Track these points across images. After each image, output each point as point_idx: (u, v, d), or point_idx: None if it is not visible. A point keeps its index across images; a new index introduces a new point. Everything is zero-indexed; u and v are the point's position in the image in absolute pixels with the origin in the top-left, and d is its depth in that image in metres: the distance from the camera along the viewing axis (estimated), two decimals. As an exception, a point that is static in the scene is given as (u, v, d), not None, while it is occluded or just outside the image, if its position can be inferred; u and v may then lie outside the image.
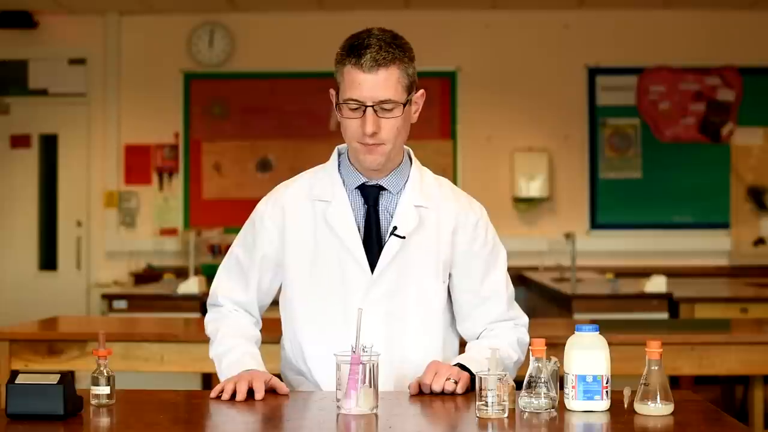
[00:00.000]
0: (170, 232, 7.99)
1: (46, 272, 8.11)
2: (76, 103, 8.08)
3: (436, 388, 2.06)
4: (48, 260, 8.14)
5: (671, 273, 6.39)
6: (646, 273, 6.11)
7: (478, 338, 2.33)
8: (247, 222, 2.36)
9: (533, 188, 7.87)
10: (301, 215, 2.28)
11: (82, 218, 8.08)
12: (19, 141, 8.11)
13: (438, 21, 8.00)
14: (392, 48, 2.15)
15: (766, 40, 7.95)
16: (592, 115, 8.00)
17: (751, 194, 7.88)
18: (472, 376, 2.07)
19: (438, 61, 7.96)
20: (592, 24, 8.01)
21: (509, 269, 2.41)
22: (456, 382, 2.07)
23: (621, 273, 6.49)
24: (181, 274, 6.43)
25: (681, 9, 7.93)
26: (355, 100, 2.14)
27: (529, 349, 1.95)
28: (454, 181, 6.88)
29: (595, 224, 7.96)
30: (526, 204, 7.95)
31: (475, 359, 2.15)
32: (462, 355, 2.25)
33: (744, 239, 7.87)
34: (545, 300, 6.30)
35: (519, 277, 7.13)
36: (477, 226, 2.31)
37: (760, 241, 7.86)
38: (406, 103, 2.18)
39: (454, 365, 2.15)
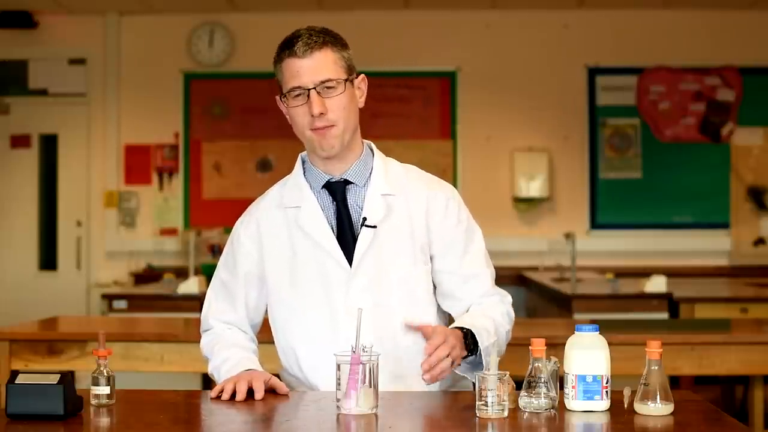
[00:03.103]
0: (170, 232, 7.99)
1: (46, 272, 8.11)
2: (76, 103, 8.08)
3: (435, 369, 2.04)
4: (48, 260, 8.14)
5: (671, 273, 6.40)
6: (646, 273, 6.11)
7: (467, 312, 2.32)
8: (227, 243, 2.40)
9: (533, 188, 7.87)
10: (275, 225, 2.31)
11: (82, 218, 8.08)
12: (19, 141, 8.11)
13: (438, 21, 8.00)
14: (322, 34, 2.21)
15: (766, 40, 7.95)
16: (592, 115, 8.00)
17: (751, 194, 7.88)
18: (468, 353, 2.12)
19: (438, 61, 7.97)
20: (592, 24, 8.01)
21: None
22: (453, 362, 2.07)
23: (621, 273, 6.49)
24: (181, 274, 6.44)
25: (681, 9, 7.93)
26: (298, 87, 2.19)
27: (529, 349, 1.95)
28: (454, 181, 6.85)
29: (595, 224, 7.96)
30: (526, 204, 7.95)
31: (485, 328, 2.17)
32: (464, 318, 2.23)
33: (744, 239, 7.87)
34: (545, 300, 6.30)
35: (519, 277, 7.11)
36: (448, 206, 2.31)
37: (760, 241, 7.86)
38: (347, 80, 2.21)
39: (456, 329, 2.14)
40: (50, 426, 1.82)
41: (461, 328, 2.14)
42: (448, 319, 2.39)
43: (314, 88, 2.18)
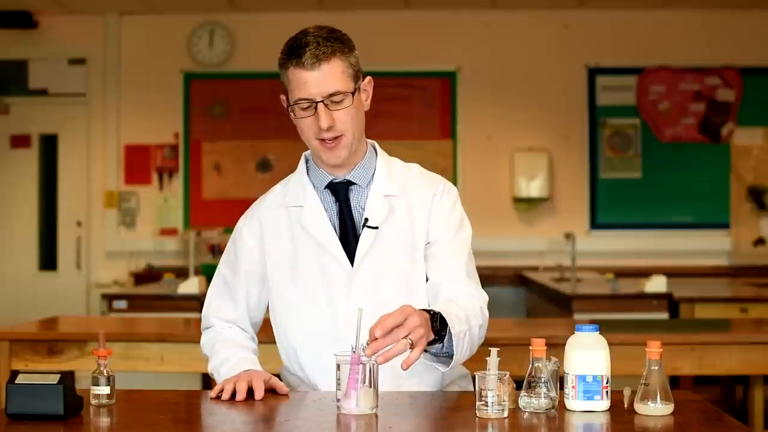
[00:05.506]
0: (170, 232, 7.99)
1: (46, 272, 8.11)
2: (76, 103, 8.08)
3: (387, 356, 1.89)
4: (48, 260, 8.14)
5: (671, 273, 6.39)
6: (646, 273, 6.11)
7: (436, 297, 2.25)
8: (229, 241, 2.40)
9: (533, 188, 7.87)
10: (277, 224, 2.31)
11: (82, 218, 8.08)
12: (19, 141, 8.11)
13: (438, 21, 8.00)
14: (330, 41, 2.17)
15: (766, 40, 7.95)
16: (592, 115, 8.00)
17: (751, 194, 7.88)
18: (438, 335, 2.01)
19: (438, 61, 7.97)
20: (592, 24, 8.01)
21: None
22: (412, 344, 1.91)
23: (621, 273, 6.50)
24: (181, 274, 6.44)
25: (681, 9, 7.93)
26: (305, 99, 2.16)
27: (529, 349, 1.95)
28: (454, 181, 6.84)
29: (595, 224, 7.96)
30: (526, 204, 7.95)
31: (455, 314, 2.07)
32: (435, 304, 2.15)
33: (744, 239, 7.87)
34: (545, 300, 6.30)
35: (519, 277, 7.11)
36: (443, 197, 2.30)
37: (760, 241, 7.86)
38: (355, 91, 2.20)
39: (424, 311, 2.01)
40: (50, 426, 1.82)
41: (429, 311, 2.03)
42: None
43: (322, 101, 2.16)
